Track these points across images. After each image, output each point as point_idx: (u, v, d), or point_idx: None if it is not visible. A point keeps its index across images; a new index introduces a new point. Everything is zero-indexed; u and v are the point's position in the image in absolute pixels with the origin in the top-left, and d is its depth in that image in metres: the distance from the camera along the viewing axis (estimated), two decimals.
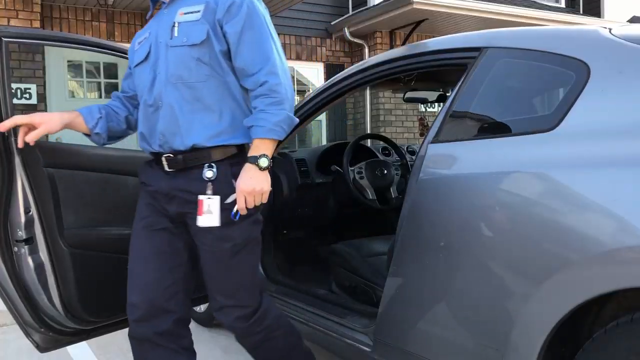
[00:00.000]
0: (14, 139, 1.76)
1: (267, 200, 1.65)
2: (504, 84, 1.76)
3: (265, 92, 1.61)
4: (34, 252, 1.86)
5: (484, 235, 1.55)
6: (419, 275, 1.74)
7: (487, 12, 7.41)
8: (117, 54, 2.16)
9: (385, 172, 3.03)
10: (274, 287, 2.63)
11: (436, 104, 3.31)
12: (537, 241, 1.42)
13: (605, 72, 1.47)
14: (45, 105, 5.69)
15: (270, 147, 1.62)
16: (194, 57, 1.63)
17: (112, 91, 1.80)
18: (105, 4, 6.15)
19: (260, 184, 1.60)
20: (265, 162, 1.60)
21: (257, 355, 1.91)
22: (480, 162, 1.63)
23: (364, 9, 7.89)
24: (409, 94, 3.07)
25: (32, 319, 1.89)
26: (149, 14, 1.86)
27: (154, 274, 1.71)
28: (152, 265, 1.72)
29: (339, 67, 8.13)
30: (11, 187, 1.82)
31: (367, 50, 8.13)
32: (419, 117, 7.65)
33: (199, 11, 1.64)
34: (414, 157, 3.08)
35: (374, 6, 7.61)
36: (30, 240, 1.85)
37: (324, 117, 8.29)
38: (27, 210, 1.84)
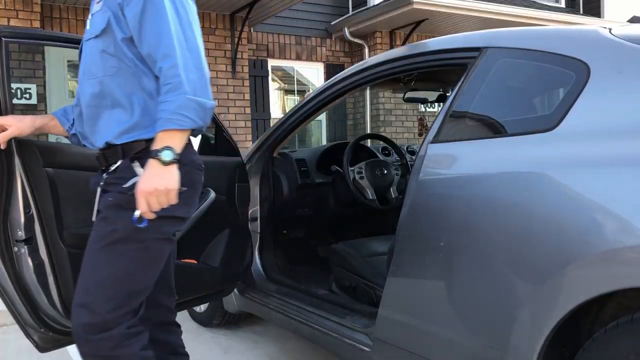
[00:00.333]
0: (13, 139, 1.76)
1: (267, 200, 1.59)
2: (504, 84, 1.76)
3: (162, 79, 1.44)
4: (34, 252, 1.86)
5: (484, 235, 1.55)
6: (419, 275, 1.74)
7: (487, 12, 7.41)
8: None
9: (385, 172, 3.03)
10: (274, 287, 2.63)
11: (436, 104, 3.31)
12: (537, 241, 1.42)
13: (605, 72, 1.47)
14: (45, 105, 5.68)
15: (176, 139, 1.43)
16: (99, 49, 1.52)
17: None
18: None
19: (163, 181, 1.40)
20: (168, 156, 1.40)
21: None
22: (480, 162, 1.63)
23: (364, 9, 7.90)
24: (409, 94, 3.07)
25: (32, 319, 1.89)
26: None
27: None
28: None
29: (339, 67, 8.13)
30: (11, 187, 1.82)
31: (367, 50, 8.14)
32: (419, 117, 7.66)
33: None
34: (414, 157, 3.08)
35: (374, 6, 7.61)
36: (30, 240, 1.85)
37: (324, 117, 8.29)
38: (26, 210, 1.84)
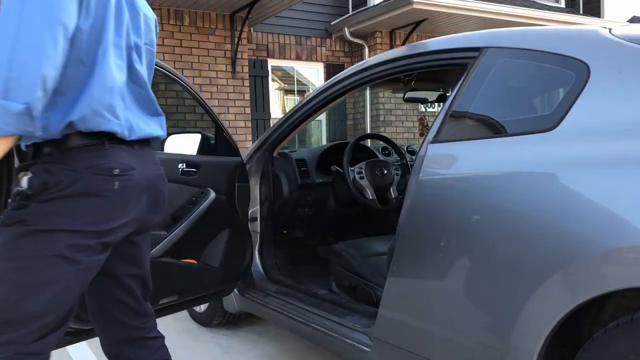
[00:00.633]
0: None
1: (267, 200, 1.58)
2: (504, 84, 1.76)
3: None
4: None
5: (484, 235, 1.55)
6: (419, 275, 1.74)
7: (487, 12, 7.41)
8: None
9: (385, 172, 3.03)
10: (274, 287, 2.63)
11: (436, 104, 3.31)
12: (537, 241, 1.42)
13: (605, 72, 1.47)
14: None
15: None
16: None
17: None
18: None
19: None
20: None
21: None
22: (480, 162, 1.63)
23: (364, 9, 7.89)
24: (409, 94, 3.07)
25: None
26: None
27: None
28: None
29: (339, 67, 8.13)
30: (11, 188, 1.81)
31: (367, 50, 8.14)
32: (419, 117, 7.66)
33: None
34: (414, 157, 3.09)
35: (374, 6, 7.61)
36: None
37: (324, 117, 8.29)
38: None
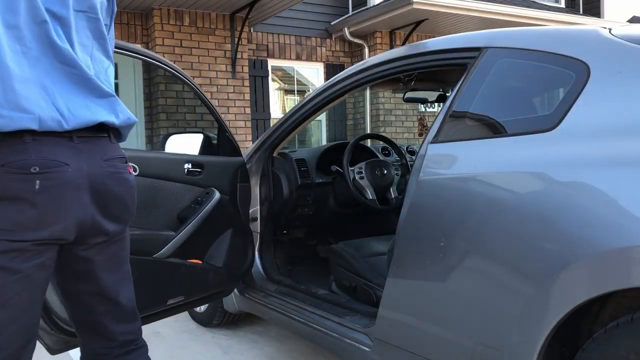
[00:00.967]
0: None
1: (267, 200, 1.59)
2: (504, 84, 1.76)
3: None
4: None
5: (484, 235, 1.55)
6: (419, 275, 1.74)
7: (487, 12, 7.42)
8: (120, 51, 2.13)
9: (385, 172, 3.03)
10: (273, 287, 2.63)
11: (436, 104, 3.30)
12: (537, 241, 1.42)
13: (605, 72, 1.47)
14: None
15: None
16: None
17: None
18: None
19: None
20: None
21: None
22: (480, 162, 1.63)
23: (364, 9, 7.90)
24: (409, 94, 3.07)
25: (44, 321, 1.86)
26: None
27: None
28: None
29: (339, 67, 8.13)
30: None
31: (367, 50, 8.14)
32: (419, 117, 7.65)
33: None
34: (414, 157, 3.09)
35: (374, 6, 7.61)
36: None
37: (324, 117, 8.29)
38: None
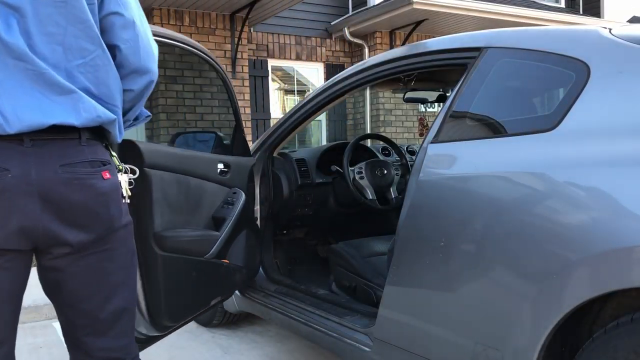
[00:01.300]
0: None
1: (267, 200, 1.59)
2: (504, 84, 1.76)
3: None
4: None
5: (484, 235, 1.55)
6: (419, 275, 1.74)
7: (487, 12, 7.41)
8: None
9: (385, 172, 3.03)
10: (273, 287, 2.63)
11: (436, 104, 3.30)
12: (537, 241, 1.42)
13: (605, 72, 1.47)
14: None
15: None
16: None
17: None
18: None
19: None
20: None
21: None
22: (480, 162, 1.63)
23: (364, 9, 7.89)
24: (409, 94, 3.07)
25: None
26: None
27: None
28: None
29: (339, 67, 8.13)
30: None
31: (367, 50, 8.13)
32: (419, 117, 7.65)
33: None
34: (414, 157, 3.08)
35: (374, 6, 7.61)
36: None
37: (324, 117, 8.29)
38: None
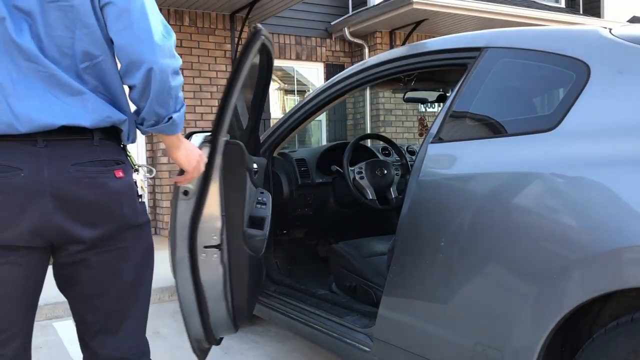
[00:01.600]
0: (220, 137, 1.64)
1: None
2: (504, 84, 1.76)
3: None
4: (222, 257, 1.73)
5: (484, 235, 1.55)
6: (419, 275, 1.74)
7: (487, 12, 7.41)
8: None
9: (385, 172, 3.03)
10: (273, 287, 2.63)
11: (436, 104, 3.30)
12: (537, 241, 1.42)
13: (605, 72, 1.47)
14: None
15: None
16: None
17: None
18: None
19: None
20: None
21: None
22: (480, 162, 1.63)
23: (364, 9, 7.89)
24: (409, 94, 3.07)
25: (204, 334, 1.79)
26: None
27: None
28: None
29: (339, 67, 8.13)
30: (206, 189, 1.65)
31: (367, 50, 8.13)
32: (419, 117, 7.66)
33: None
34: (414, 157, 3.09)
35: (374, 6, 7.60)
36: (220, 245, 1.72)
37: (324, 117, 8.29)
38: (222, 212, 1.70)
